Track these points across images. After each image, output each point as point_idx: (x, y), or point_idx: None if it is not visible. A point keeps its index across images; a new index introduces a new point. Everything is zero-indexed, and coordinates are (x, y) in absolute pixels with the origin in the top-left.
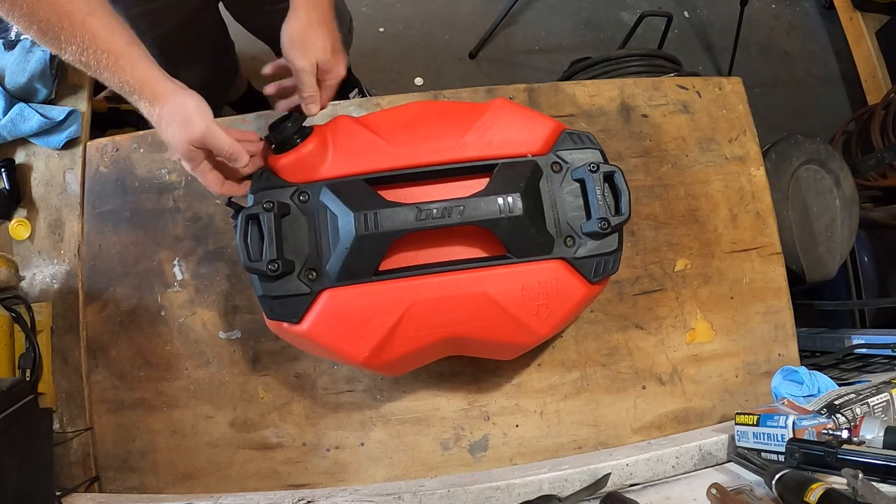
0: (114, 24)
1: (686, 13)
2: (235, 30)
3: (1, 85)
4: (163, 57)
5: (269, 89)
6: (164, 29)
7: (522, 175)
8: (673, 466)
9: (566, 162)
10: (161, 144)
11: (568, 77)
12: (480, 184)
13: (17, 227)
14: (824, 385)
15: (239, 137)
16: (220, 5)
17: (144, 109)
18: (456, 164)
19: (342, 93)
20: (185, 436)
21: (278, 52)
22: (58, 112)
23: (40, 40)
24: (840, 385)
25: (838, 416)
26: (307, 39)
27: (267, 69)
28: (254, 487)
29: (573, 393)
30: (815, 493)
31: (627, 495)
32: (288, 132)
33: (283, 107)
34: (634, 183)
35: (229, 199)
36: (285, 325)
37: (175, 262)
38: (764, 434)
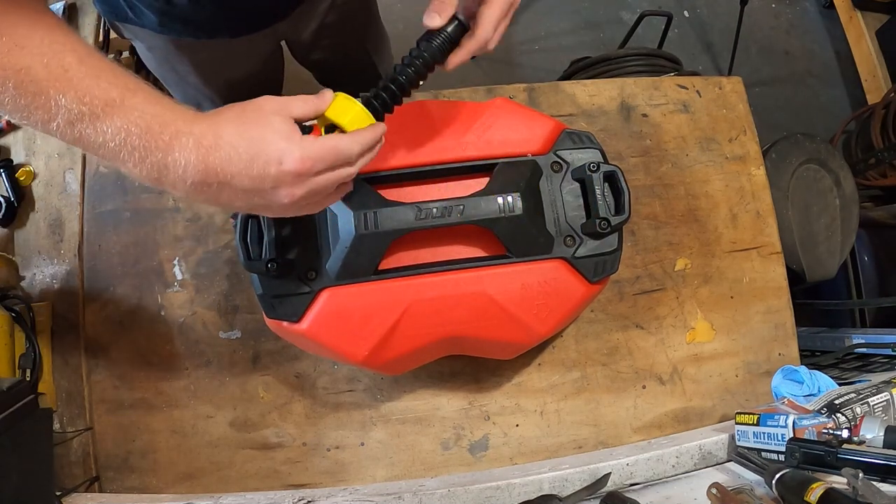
0: (107, 69)
1: (686, 13)
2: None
3: None
4: (226, 101)
5: None
6: (234, 73)
7: (522, 174)
8: (673, 466)
9: (566, 161)
10: None
11: (568, 76)
12: (480, 183)
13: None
14: (824, 384)
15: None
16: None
17: (188, 162)
18: (456, 164)
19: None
20: (186, 436)
21: (322, 80)
22: None
23: (38, 128)
24: (840, 384)
25: (838, 415)
26: None
27: None
28: (254, 487)
29: (573, 392)
30: (815, 492)
31: (628, 495)
32: None
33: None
34: (634, 182)
35: None
36: (285, 324)
37: (175, 262)
38: (764, 433)
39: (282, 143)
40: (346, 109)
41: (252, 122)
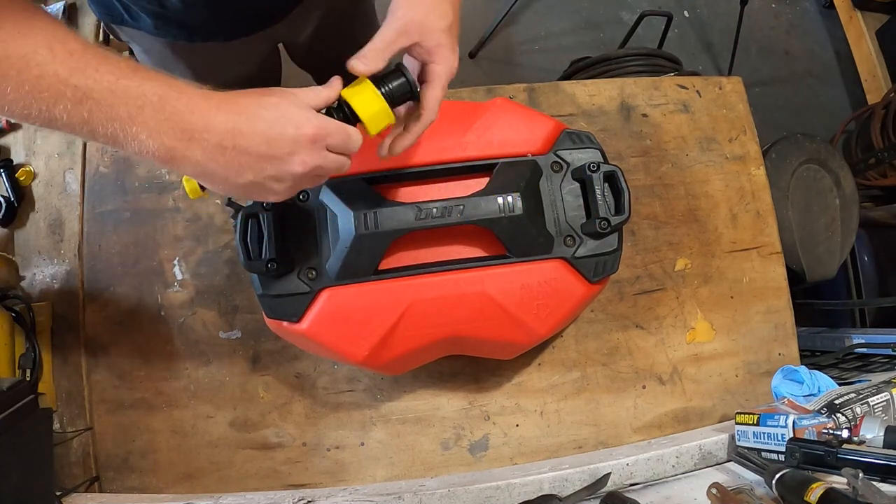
0: (111, 55)
1: (686, 13)
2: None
3: None
4: None
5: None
6: (230, 76)
7: (522, 174)
8: (673, 466)
9: (566, 161)
10: None
11: (568, 76)
12: (480, 183)
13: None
14: (824, 384)
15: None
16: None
17: (211, 124)
18: (456, 164)
19: None
20: (186, 436)
21: (321, 82)
22: None
23: (40, 118)
24: (840, 384)
25: (838, 415)
26: None
27: None
28: (254, 487)
29: (573, 392)
30: (815, 492)
31: (628, 495)
32: None
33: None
34: (634, 182)
35: (229, 199)
36: (285, 324)
37: (175, 262)
38: (764, 433)
39: (300, 111)
40: (370, 103)
41: (268, 95)
